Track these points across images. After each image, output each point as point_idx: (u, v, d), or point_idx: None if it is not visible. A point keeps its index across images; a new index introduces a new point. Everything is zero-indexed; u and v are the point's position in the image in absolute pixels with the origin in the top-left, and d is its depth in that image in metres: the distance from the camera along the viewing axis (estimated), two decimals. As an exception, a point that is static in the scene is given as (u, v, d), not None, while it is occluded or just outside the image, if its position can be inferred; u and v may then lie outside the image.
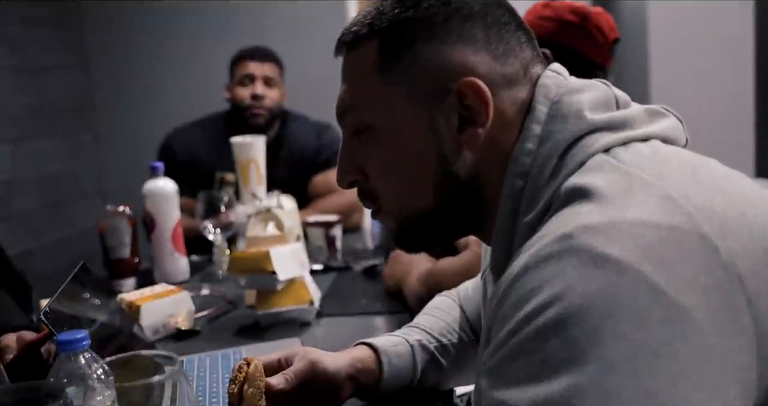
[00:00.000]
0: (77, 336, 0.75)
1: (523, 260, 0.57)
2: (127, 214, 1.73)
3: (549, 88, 0.69)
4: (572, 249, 0.55)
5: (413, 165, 0.71)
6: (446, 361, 0.98)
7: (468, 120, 0.68)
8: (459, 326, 1.01)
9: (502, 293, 0.58)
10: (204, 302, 1.56)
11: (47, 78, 2.89)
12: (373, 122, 0.72)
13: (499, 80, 0.69)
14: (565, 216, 0.59)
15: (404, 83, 0.69)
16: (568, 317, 0.52)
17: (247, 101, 2.26)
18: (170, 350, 1.29)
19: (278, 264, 1.33)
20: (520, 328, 0.54)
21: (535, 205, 0.64)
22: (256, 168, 1.91)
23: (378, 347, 0.95)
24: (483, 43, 0.69)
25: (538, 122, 0.67)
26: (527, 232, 0.64)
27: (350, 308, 1.45)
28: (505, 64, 0.69)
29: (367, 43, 0.71)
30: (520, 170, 0.66)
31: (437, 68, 0.68)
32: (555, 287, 0.53)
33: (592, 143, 0.64)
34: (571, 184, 0.61)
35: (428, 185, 0.71)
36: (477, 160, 0.69)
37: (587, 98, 0.67)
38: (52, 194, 2.89)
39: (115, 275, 1.72)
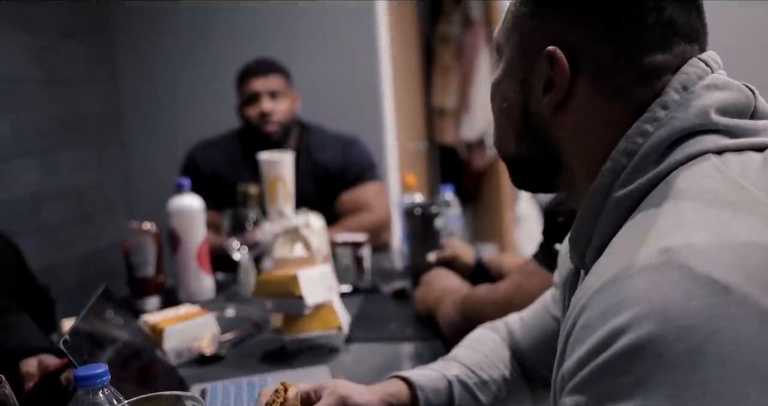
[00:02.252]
0: (96, 372, 0.70)
1: (616, 267, 0.54)
2: (153, 231, 1.69)
3: (689, 76, 0.64)
4: (673, 264, 0.51)
5: (506, 102, 0.72)
6: (485, 398, 0.93)
7: (549, 87, 0.68)
8: (503, 363, 0.95)
9: (586, 301, 0.54)
10: (229, 324, 1.52)
11: (75, 90, 2.89)
12: (503, 41, 0.73)
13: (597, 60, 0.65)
14: (667, 223, 0.55)
15: (521, 31, 0.70)
16: (667, 334, 0.49)
17: (256, 120, 2.23)
18: (193, 375, 1.25)
19: (306, 288, 1.28)
20: (612, 341, 0.50)
21: (629, 184, 0.62)
22: (284, 186, 1.87)
23: (414, 381, 0.90)
24: (603, 31, 0.65)
25: (665, 107, 0.63)
26: (613, 208, 0.62)
27: (380, 333, 1.40)
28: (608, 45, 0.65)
29: None
30: (630, 149, 0.63)
31: (550, 26, 0.67)
32: (652, 301, 0.50)
33: (706, 142, 0.61)
34: (674, 183, 0.58)
35: (512, 129, 0.73)
36: (554, 125, 0.69)
37: (722, 98, 0.63)
38: (79, 207, 2.88)
39: (139, 294, 1.69)
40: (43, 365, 1.08)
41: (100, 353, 1.08)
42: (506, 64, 0.72)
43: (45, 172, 2.67)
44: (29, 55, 2.63)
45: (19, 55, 2.58)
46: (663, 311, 0.49)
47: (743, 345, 0.48)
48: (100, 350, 1.08)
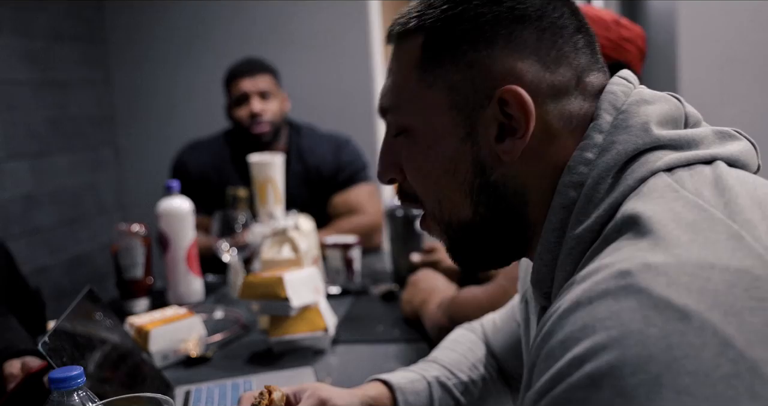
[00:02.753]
0: (71, 374, 0.70)
1: (576, 294, 0.52)
2: (141, 233, 1.69)
3: (616, 96, 0.64)
4: (631, 288, 0.49)
5: (448, 172, 0.66)
6: (465, 399, 0.93)
7: (508, 130, 0.63)
8: (482, 363, 0.95)
9: (549, 329, 0.52)
10: (217, 325, 1.52)
11: (68, 93, 2.89)
12: (411, 125, 0.67)
13: (546, 89, 0.63)
14: (625, 249, 0.53)
15: (444, 87, 0.65)
16: (624, 364, 0.46)
17: (247, 121, 2.22)
18: (179, 377, 1.25)
19: (291, 290, 1.28)
20: (570, 371, 0.49)
21: (585, 218, 0.59)
22: (274, 188, 1.87)
23: (393, 384, 0.90)
24: (533, 49, 0.63)
25: (601, 131, 0.62)
26: (574, 245, 0.59)
27: (366, 335, 1.40)
28: (555, 72, 0.63)
29: (413, 38, 0.66)
30: (575, 180, 0.61)
31: (480, 73, 0.63)
32: (610, 329, 0.48)
33: (655, 160, 0.59)
34: (630, 209, 0.56)
35: (465, 196, 0.66)
36: (519, 171, 0.64)
37: (655, 111, 0.62)
38: (71, 209, 2.88)
39: (128, 296, 1.68)
40: (27, 367, 1.08)
41: (82, 355, 1.08)
42: (430, 128, 0.66)
43: (37, 175, 2.67)
44: (23, 58, 2.63)
45: (13, 57, 2.58)
46: (621, 341, 0.47)
47: (701, 377, 0.46)
48: (82, 352, 1.08)
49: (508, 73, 0.62)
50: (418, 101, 0.66)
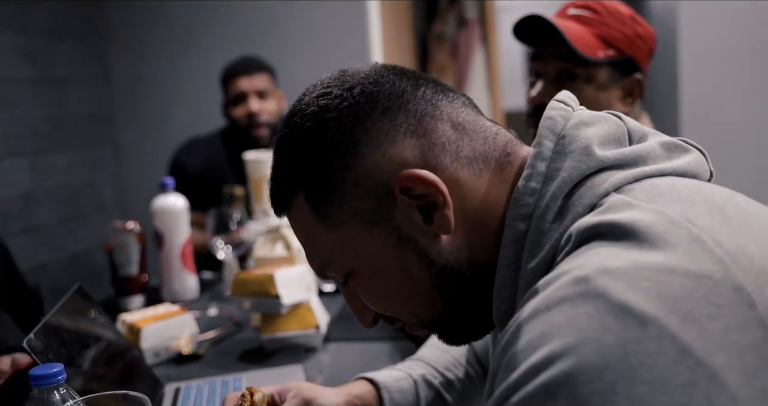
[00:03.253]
0: (51, 371, 0.70)
1: (533, 303, 0.51)
2: (136, 230, 1.69)
3: (555, 121, 0.62)
4: (588, 294, 0.48)
5: (405, 283, 0.64)
6: (451, 397, 0.92)
7: (429, 208, 0.61)
8: (466, 360, 0.95)
9: (509, 338, 0.51)
10: (210, 322, 1.52)
11: (68, 90, 2.89)
12: (348, 269, 0.66)
13: (431, 152, 0.61)
14: (583, 256, 0.52)
15: (350, 217, 0.63)
16: (579, 373, 0.45)
17: (244, 121, 2.21)
18: (170, 374, 1.25)
19: (283, 287, 1.28)
20: (526, 381, 0.48)
21: (538, 250, 0.58)
22: (269, 184, 1.87)
23: (379, 382, 0.90)
24: (393, 132, 0.62)
25: (543, 159, 0.60)
26: (531, 279, 0.58)
27: (359, 333, 1.39)
28: (426, 134, 0.62)
29: (296, 198, 0.65)
30: (522, 212, 0.60)
31: (368, 184, 0.62)
32: (566, 336, 0.47)
33: (601, 183, 0.58)
34: (585, 222, 0.54)
35: (430, 291, 0.64)
36: (459, 237, 0.63)
37: (596, 132, 0.61)
38: (70, 207, 2.88)
39: (123, 293, 1.69)
40: (16, 363, 1.08)
41: (69, 352, 1.08)
42: (365, 258, 0.64)
43: (36, 173, 2.67)
44: (22, 56, 2.63)
45: (12, 55, 2.58)
46: (577, 348, 0.46)
47: (658, 385, 0.44)
48: (69, 349, 1.08)
49: (390, 164, 0.61)
50: (337, 246, 0.65)
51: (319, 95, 0.64)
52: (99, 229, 3.03)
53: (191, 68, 3.13)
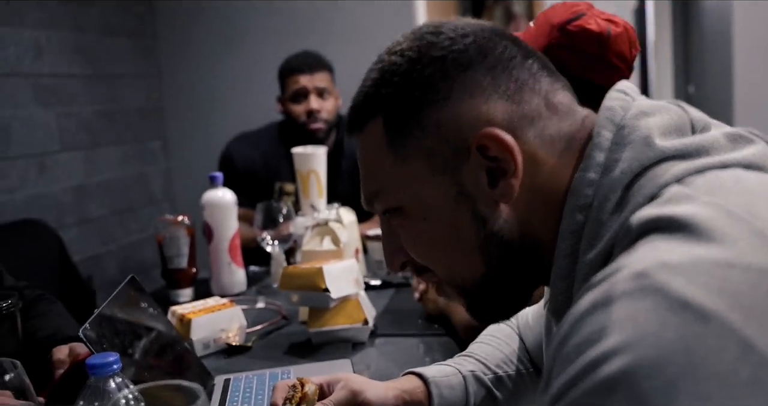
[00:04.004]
0: (107, 360, 0.71)
1: (592, 297, 0.50)
2: (186, 223, 1.72)
3: (614, 112, 0.61)
4: (647, 289, 0.47)
5: (451, 238, 0.64)
6: (502, 394, 0.91)
7: (498, 173, 0.61)
8: (517, 357, 0.94)
9: (565, 332, 0.50)
10: (258, 315, 1.53)
11: (119, 86, 2.95)
12: (399, 204, 0.66)
13: (518, 121, 0.61)
14: (641, 250, 0.51)
15: (420, 156, 0.63)
16: (639, 368, 0.44)
17: (303, 118, 2.21)
18: (219, 366, 1.26)
19: (331, 281, 1.28)
20: (583, 375, 0.47)
21: (597, 242, 0.57)
22: (317, 179, 1.88)
23: (428, 377, 0.89)
24: (491, 88, 0.61)
25: (602, 149, 0.59)
26: (589, 270, 0.57)
27: (406, 328, 1.39)
28: (521, 102, 0.62)
29: (373, 123, 0.65)
30: (581, 203, 0.59)
31: (450, 129, 0.62)
32: (625, 331, 0.46)
33: (662, 173, 0.56)
34: (645, 215, 0.53)
35: (474, 253, 0.64)
36: (518, 210, 0.63)
37: (657, 123, 0.60)
38: (121, 200, 2.94)
39: (173, 285, 1.71)
40: (74, 352, 1.11)
41: (122, 342, 1.10)
42: (419, 200, 0.64)
43: (89, 166, 2.73)
44: (76, 53, 2.69)
45: (67, 52, 2.64)
46: (636, 343, 0.45)
47: (720, 381, 0.43)
48: (122, 339, 1.10)
49: (477, 119, 0.61)
50: (398, 179, 0.65)
51: (430, 32, 0.65)
52: (148, 222, 3.08)
53: (238, 64, 3.16)
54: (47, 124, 2.52)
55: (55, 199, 2.55)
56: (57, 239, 2.16)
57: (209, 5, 3.17)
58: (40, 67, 2.49)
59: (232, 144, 2.37)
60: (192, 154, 3.25)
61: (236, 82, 3.19)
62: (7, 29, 2.36)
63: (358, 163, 0.69)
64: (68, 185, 2.62)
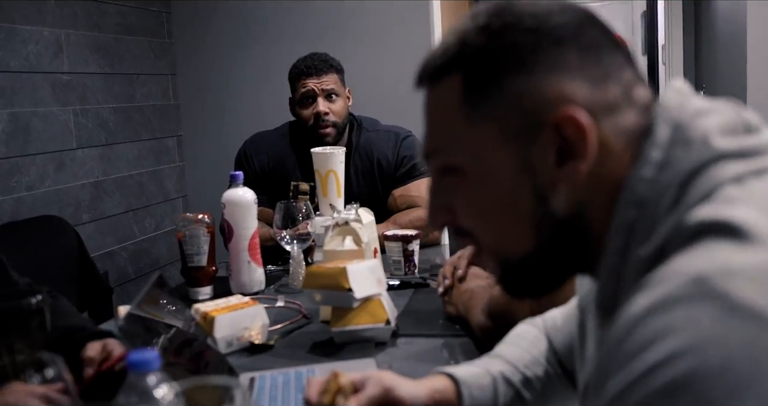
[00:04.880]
0: (149, 357, 0.72)
1: (648, 300, 0.50)
2: (206, 221, 1.72)
3: (671, 111, 0.61)
4: (708, 294, 0.47)
5: (507, 207, 0.64)
6: (530, 395, 0.92)
7: (567, 154, 0.61)
8: (545, 359, 0.94)
9: (622, 333, 0.51)
10: (278, 314, 1.54)
11: (135, 84, 2.97)
12: (461, 164, 0.65)
13: (599, 107, 0.61)
14: (698, 254, 0.51)
15: (493, 121, 0.63)
16: (705, 372, 0.45)
17: (311, 121, 2.22)
18: (242, 364, 1.27)
19: (355, 281, 1.29)
20: (647, 379, 0.47)
21: (650, 238, 0.57)
22: (336, 179, 1.89)
23: (458, 377, 0.90)
24: (578, 69, 0.61)
25: (659, 147, 0.59)
26: (640, 266, 0.57)
27: (427, 328, 1.40)
28: (604, 89, 0.62)
29: (450, 78, 0.64)
30: (635, 199, 0.59)
31: (530, 101, 0.61)
32: (687, 335, 0.46)
33: (719, 173, 0.56)
34: (701, 216, 0.54)
35: (526, 228, 0.64)
36: (578, 194, 0.62)
37: (715, 122, 0.60)
38: (136, 197, 2.96)
39: (193, 283, 1.72)
40: (107, 349, 1.11)
41: (152, 338, 1.11)
42: (483, 164, 0.64)
43: (105, 163, 2.75)
44: (94, 51, 2.71)
45: (85, 50, 2.66)
46: (700, 347, 0.46)
47: None
48: (152, 336, 1.11)
49: (558, 96, 0.61)
50: (466, 139, 0.64)
51: (526, 2, 0.64)
52: (162, 218, 3.10)
53: (252, 63, 3.18)
54: (65, 122, 2.54)
55: (72, 195, 2.57)
56: (76, 235, 2.17)
57: (225, 5, 3.18)
58: (59, 65, 2.51)
59: (248, 144, 2.38)
60: (206, 152, 3.27)
61: (250, 81, 3.20)
62: (28, 28, 2.38)
63: (424, 114, 0.68)
64: (85, 182, 2.64)
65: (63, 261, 2.07)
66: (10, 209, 2.27)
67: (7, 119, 2.29)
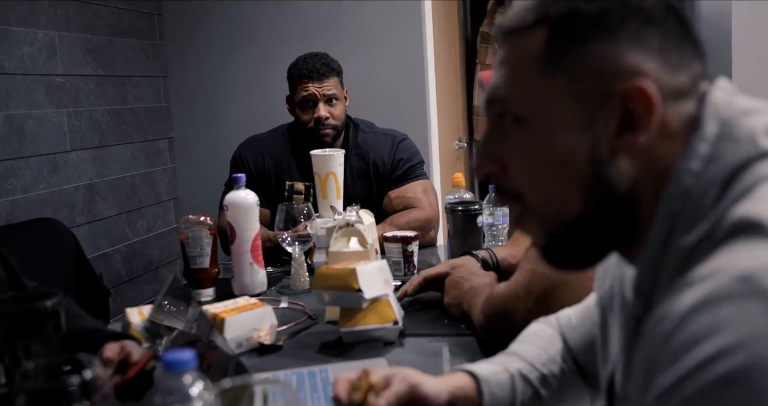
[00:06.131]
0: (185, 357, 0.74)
1: (695, 297, 0.52)
2: (208, 224, 1.74)
3: (719, 108, 0.64)
4: (756, 292, 0.50)
5: (562, 165, 0.65)
6: (547, 393, 0.94)
7: (629, 125, 0.63)
8: (561, 357, 0.97)
9: (670, 328, 0.53)
10: (283, 315, 1.55)
11: (128, 86, 2.97)
12: (525, 115, 0.67)
13: (668, 90, 0.64)
14: (741, 253, 0.53)
15: (568, 78, 0.65)
16: (757, 365, 0.47)
17: (311, 125, 2.22)
18: (252, 364, 1.28)
19: (364, 282, 1.31)
20: (700, 372, 0.50)
21: (693, 229, 0.60)
22: (335, 181, 1.90)
23: (479, 375, 0.92)
24: (657, 50, 0.64)
25: (706, 142, 0.62)
26: (681, 256, 0.60)
27: (432, 328, 1.42)
28: (676, 74, 0.64)
29: (536, 30, 0.66)
30: (681, 190, 0.62)
31: (607, 67, 0.64)
32: (738, 331, 0.49)
33: (764, 170, 0.59)
34: (743, 214, 0.56)
35: (577, 190, 0.65)
36: (633, 169, 0.64)
37: (761, 122, 0.63)
38: (129, 199, 2.95)
39: (195, 285, 1.73)
40: (125, 351, 1.12)
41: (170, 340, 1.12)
42: (548, 118, 0.66)
43: (98, 165, 2.75)
44: (87, 53, 2.70)
45: (78, 52, 2.65)
46: (750, 342, 0.48)
47: None
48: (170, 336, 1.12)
49: (634, 69, 0.63)
50: (538, 91, 0.66)
51: None
52: (155, 221, 3.10)
53: (244, 65, 3.19)
54: (59, 124, 2.53)
55: (67, 197, 2.56)
56: (72, 238, 2.17)
57: (216, 8, 3.19)
58: (53, 67, 2.50)
59: (244, 146, 2.37)
60: (197, 154, 3.27)
61: (241, 83, 3.21)
62: (22, 29, 2.37)
63: (498, 63, 0.70)
64: (79, 184, 2.63)
65: (60, 263, 2.07)
66: (6, 211, 2.27)
67: (2, 121, 2.28)
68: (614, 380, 0.76)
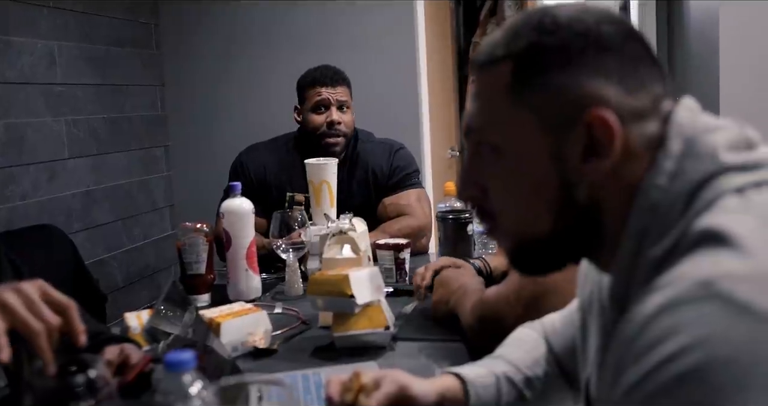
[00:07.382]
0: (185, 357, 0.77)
1: (658, 301, 0.56)
2: (205, 230, 1.77)
3: (683, 126, 0.68)
4: (714, 295, 0.54)
5: (534, 190, 0.71)
6: (531, 395, 0.98)
7: (593, 151, 0.68)
8: (545, 360, 1.01)
9: (635, 331, 0.57)
10: (277, 321, 1.59)
11: (125, 95, 3.01)
12: (498, 143, 0.72)
13: (628, 112, 0.68)
14: (703, 260, 0.58)
15: (534, 109, 0.69)
16: (712, 363, 0.51)
17: (323, 128, 2.26)
18: (247, 368, 1.32)
19: (357, 288, 1.35)
20: (659, 369, 0.53)
21: (661, 241, 0.64)
22: (329, 189, 1.94)
23: (465, 377, 0.96)
24: (616, 75, 0.68)
25: (671, 158, 0.66)
26: (651, 266, 0.64)
27: (423, 333, 1.46)
28: (636, 97, 0.68)
29: (503, 64, 0.71)
30: (649, 204, 0.66)
31: (569, 97, 0.68)
32: (697, 331, 0.53)
33: (725, 183, 0.63)
34: (704, 224, 0.60)
35: (548, 211, 0.71)
36: (598, 189, 0.69)
37: (722, 138, 0.67)
38: (125, 206, 2.99)
39: (192, 291, 1.76)
40: (124, 353, 1.16)
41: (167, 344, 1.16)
42: (519, 148, 0.70)
43: (96, 173, 2.78)
44: (86, 62, 2.74)
45: (77, 61, 2.69)
46: (707, 342, 0.52)
47: None
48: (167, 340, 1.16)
49: (594, 97, 0.67)
50: (507, 123, 0.71)
51: (580, 10, 0.70)
52: (150, 227, 3.13)
53: (240, 74, 3.23)
54: (58, 132, 2.57)
55: (65, 204, 2.60)
56: (71, 244, 2.20)
57: (212, 18, 3.23)
58: (52, 77, 2.54)
59: (244, 154, 2.39)
60: (192, 162, 3.30)
61: (237, 92, 3.25)
62: (22, 39, 2.41)
63: (473, 94, 0.75)
64: (76, 191, 2.67)
65: (59, 269, 2.10)
66: (5, 218, 2.30)
67: (2, 130, 2.32)
68: (590, 382, 0.80)
